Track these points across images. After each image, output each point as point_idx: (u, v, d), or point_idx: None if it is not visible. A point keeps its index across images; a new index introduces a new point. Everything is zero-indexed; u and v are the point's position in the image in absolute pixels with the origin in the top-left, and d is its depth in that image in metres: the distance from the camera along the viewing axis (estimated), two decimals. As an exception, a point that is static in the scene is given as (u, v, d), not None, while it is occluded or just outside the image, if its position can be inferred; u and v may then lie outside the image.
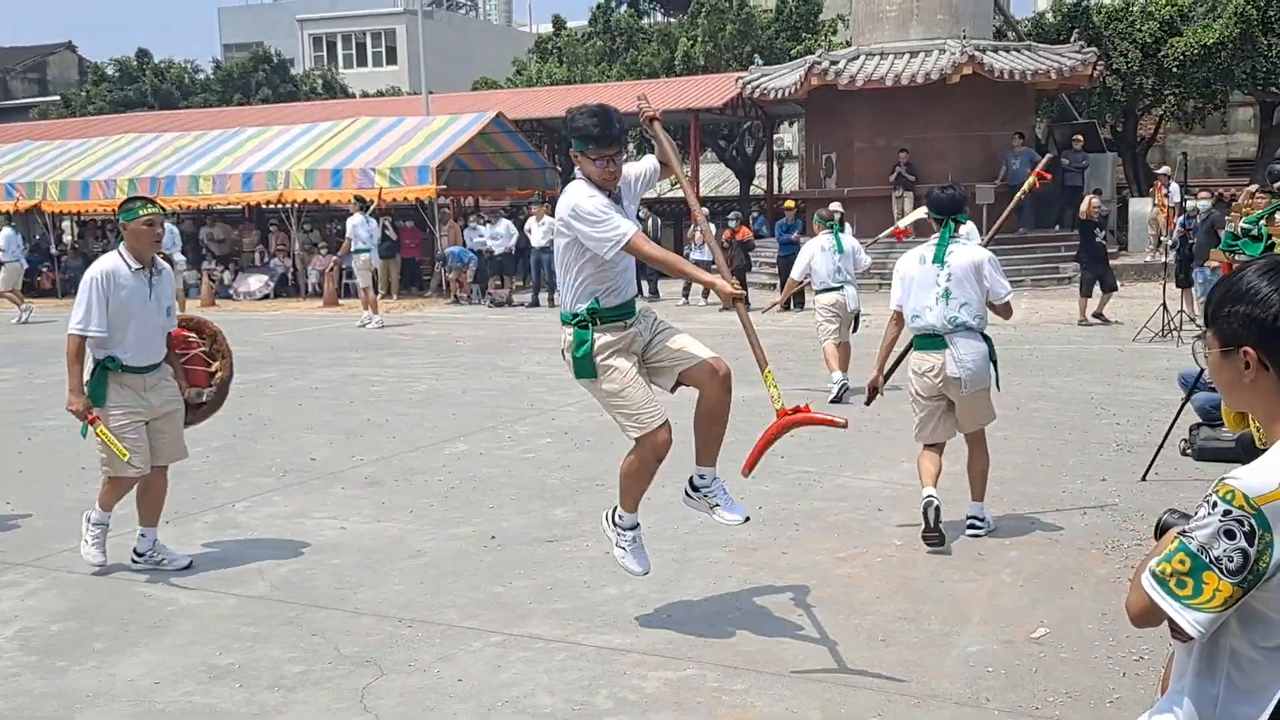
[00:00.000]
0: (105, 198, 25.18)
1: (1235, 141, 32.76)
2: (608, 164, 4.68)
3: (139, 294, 5.82)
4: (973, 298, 6.15)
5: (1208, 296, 2.24)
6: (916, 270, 6.27)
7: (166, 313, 6.00)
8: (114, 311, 5.74)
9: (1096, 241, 15.69)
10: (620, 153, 4.73)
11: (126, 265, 5.84)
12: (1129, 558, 5.80)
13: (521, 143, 26.51)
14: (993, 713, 4.22)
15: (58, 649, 5.04)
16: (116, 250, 5.91)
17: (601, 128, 4.65)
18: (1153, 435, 8.06)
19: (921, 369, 6.23)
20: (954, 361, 6.11)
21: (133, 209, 5.88)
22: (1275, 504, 1.98)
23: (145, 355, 5.88)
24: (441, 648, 4.94)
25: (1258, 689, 2.07)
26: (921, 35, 23.09)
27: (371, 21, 54.52)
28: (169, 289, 6.06)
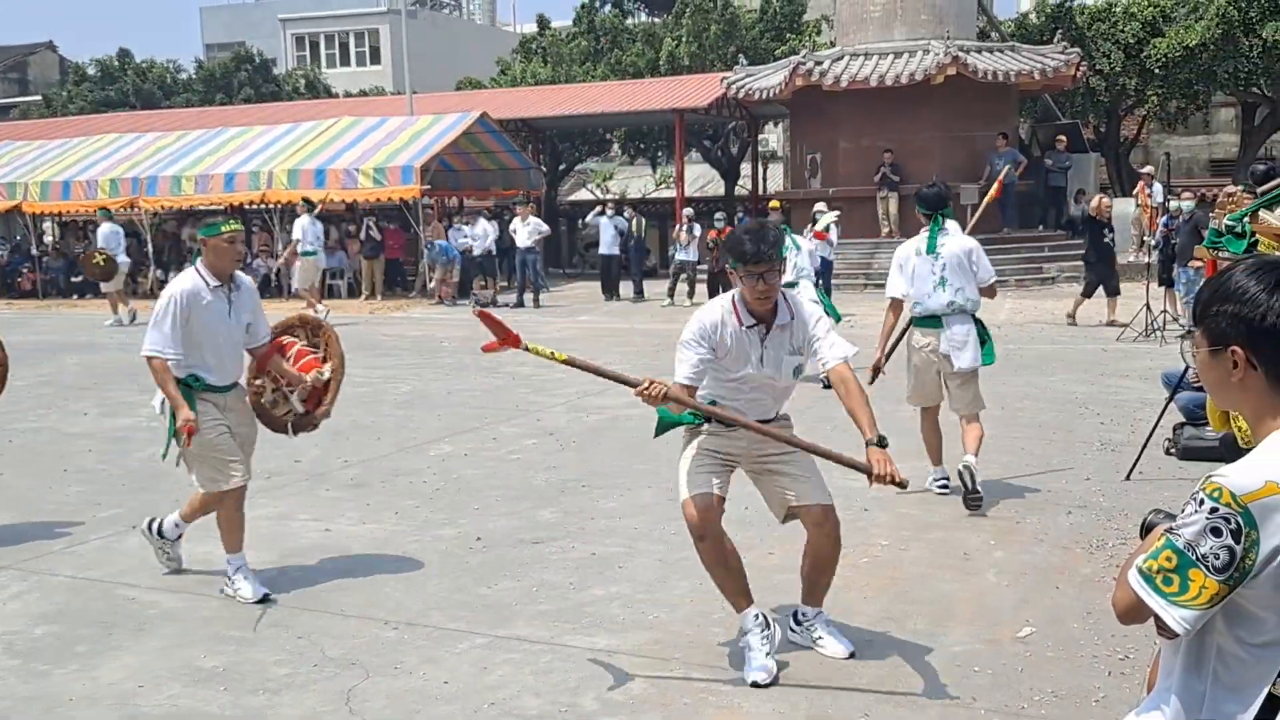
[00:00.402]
0: (86, 198, 25.06)
1: (1217, 142, 32.94)
2: (757, 281, 4.40)
3: (219, 312, 5.57)
4: (966, 283, 6.97)
5: (1196, 296, 2.25)
6: (915, 261, 7.03)
7: (246, 329, 5.72)
8: (194, 331, 5.48)
9: (1104, 241, 15.68)
10: (770, 271, 4.41)
11: (205, 283, 5.57)
12: (1114, 557, 5.82)
13: (506, 143, 26.46)
14: (979, 712, 4.22)
15: (41, 652, 5.01)
16: (194, 267, 5.64)
17: (751, 244, 4.39)
18: (1137, 434, 8.10)
19: (920, 344, 7.15)
20: (946, 341, 7.00)
21: (214, 224, 5.63)
22: (1261, 502, 2.00)
23: (224, 375, 5.65)
24: (427, 650, 4.92)
25: (1244, 686, 2.08)
26: (905, 36, 23.15)
27: (355, 21, 54.36)
28: (249, 304, 5.74)
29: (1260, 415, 2.14)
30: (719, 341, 4.51)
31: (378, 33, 53.52)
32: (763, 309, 4.49)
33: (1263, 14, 25.24)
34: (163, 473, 8.34)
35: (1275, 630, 2.05)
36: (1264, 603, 2.04)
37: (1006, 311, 17.66)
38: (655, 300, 21.53)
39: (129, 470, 8.47)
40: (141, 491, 7.83)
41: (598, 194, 37.13)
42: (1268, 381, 2.11)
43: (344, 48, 54.69)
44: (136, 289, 26.06)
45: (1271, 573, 2.01)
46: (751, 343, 4.54)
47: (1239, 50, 25.78)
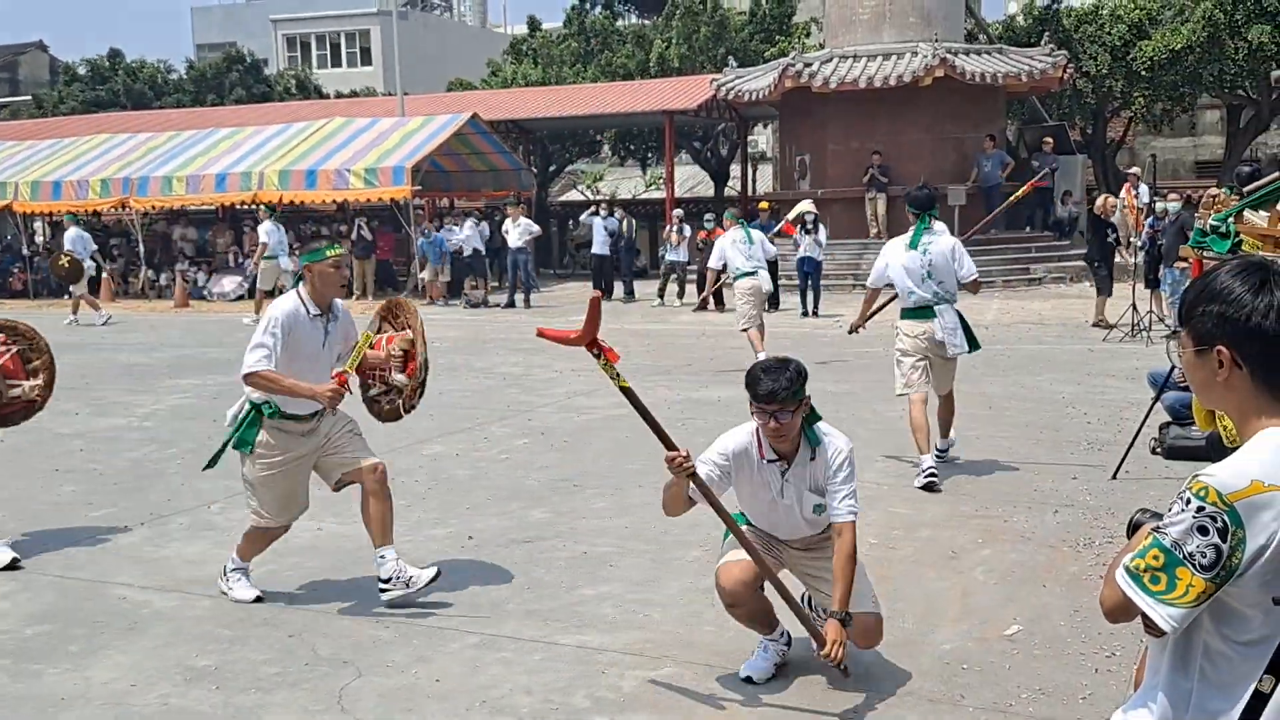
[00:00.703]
0: (77, 198, 25.01)
1: (1203, 144, 33.06)
2: (768, 420, 4.27)
3: (313, 340, 5.40)
4: (948, 278, 7.60)
5: (1181, 296, 2.27)
6: (903, 257, 7.61)
7: (337, 359, 5.56)
8: (288, 356, 5.29)
9: (1108, 241, 15.75)
10: (781, 410, 4.26)
11: (305, 310, 5.38)
12: (1100, 555, 5.85)
13: (497, 144, 26.46)
14: (967, 710, 4.25)
15: (32, 652, 5.01)
16: (296, 291, 5.46)
17: (765, 382, 4.25)
18: (1123, 434, 8.14)
19: (914, 333, 7.61)
20: (940, 328, 7.57)
21: (318, 250, 5.42)
22: (1248, 500, 2.02)
23: (306, 404, 5.39)
24: (419, 648, 4.94)
25: (1231, 684, 2.10)
26: (894, 38, 23.21)
27: (346, 22, 54.26)
28: (343, 334, 5.58)
29: (1245, 414, 2.16)
30: (738, 468, 4.44)
31: (369, 34, 53.45)
32: (779, 447, 4.39)
33: (1248, 17, 25.36)
34: (154, 473, 8.36)
35: (1261, 628, 2.07)
36: (1250, 601, 2.06)
37: (994, 312, 17.72)
38: (646, 300, 21.55)
39: (120, 470, 8.47)
40: (133, 491, 7.83)
41: (588, 195, 37.14)
42: (1253, 381, 2.12)
43: (335, 48, 54.59)
44: (128, 289, 26.03)
45: (1258, 571, 2.03)
46: (772, 476, 4.45)
47: (1224, 53, 25.89)
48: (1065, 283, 21.69)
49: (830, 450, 4.42)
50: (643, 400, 4.33)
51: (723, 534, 4.63)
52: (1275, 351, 2.10)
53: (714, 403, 10.22)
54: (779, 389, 4.24)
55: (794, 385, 4.26)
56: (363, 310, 21.29)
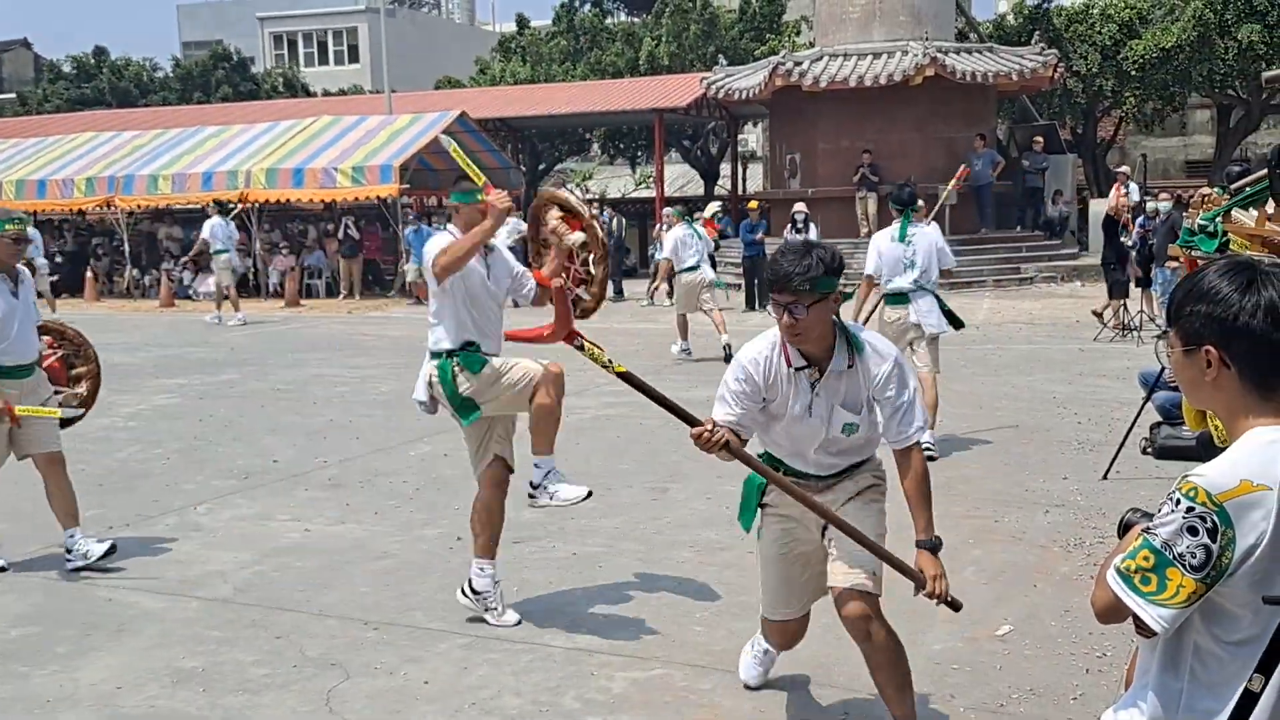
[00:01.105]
0: (63, 197, 24.91)
1: (1193, 143, 33.18)
2: (782, 313, 3.65)
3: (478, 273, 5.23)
4: (930, 267, 8.28)
5: (1170, 296, 2.27)
6: (888, 247, 8.28)
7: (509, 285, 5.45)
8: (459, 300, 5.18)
9: (1120, 241, 15.70)
10: (796, 303, 3.62)
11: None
12: (1091, 555, 5.86)
13: (485, 142, 26.42)
14: (959, 709, 4.25)
15: (18, 654, 4.98)
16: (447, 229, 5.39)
17: (783, 265, 3.65)
18: (1114, 434, 8.15)
19: (891, 318, 8.29)
20: (915, 313, 8.23)
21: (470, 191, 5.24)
22: (1237, 500, 2.02)
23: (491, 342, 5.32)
24: (408, 650, 4.92)
25: (1221, 684, 2.10)
26: (884, 37, 23.21)
27: (333, 20, 54.15)
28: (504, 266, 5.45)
29: (1234, 414, 2.16)
30: (769, 383, 3.80)
31: (356, 31, 53.34)
32: (803, 349, 3.76)
33: (1238, 17, 25.45)
34: (140, 473, 8.32)
35: (1251, 627, 2.07)
36: (1240, 601, 2.06)
37: (985, 311, 17.75)
38: (635, 299, 21.54)
39: (108, 470, 8.43)
40: (121, 492, 7.80)
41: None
42: (1241, 381, 2.12)
43: (322, 46, 54.48)
44: (113, 289, 25.94)
45: (1247, 571, 2.03)
46: (800, 388, 3.79)
47: (1214, 52, 25.98)
48: (1056, 282, 21.74)
49: (872, 361, 3.79)
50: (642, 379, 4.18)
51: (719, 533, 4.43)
52: (1263, 351, 2.10)
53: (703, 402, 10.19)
54: (794, 273, 3.62)
55: (812, 272, 3.61)
56: (350, 310, 21.31)
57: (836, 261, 3.70)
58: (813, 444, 3.88)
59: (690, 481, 7.44)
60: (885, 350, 3.83)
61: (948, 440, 8.69)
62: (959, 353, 13.20)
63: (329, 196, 23.90)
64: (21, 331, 6.00)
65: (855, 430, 3.83)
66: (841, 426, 3.82)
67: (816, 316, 3.67)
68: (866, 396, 3.81)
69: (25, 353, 6.03)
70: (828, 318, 3.72)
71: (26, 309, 6.06)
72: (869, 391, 3.80)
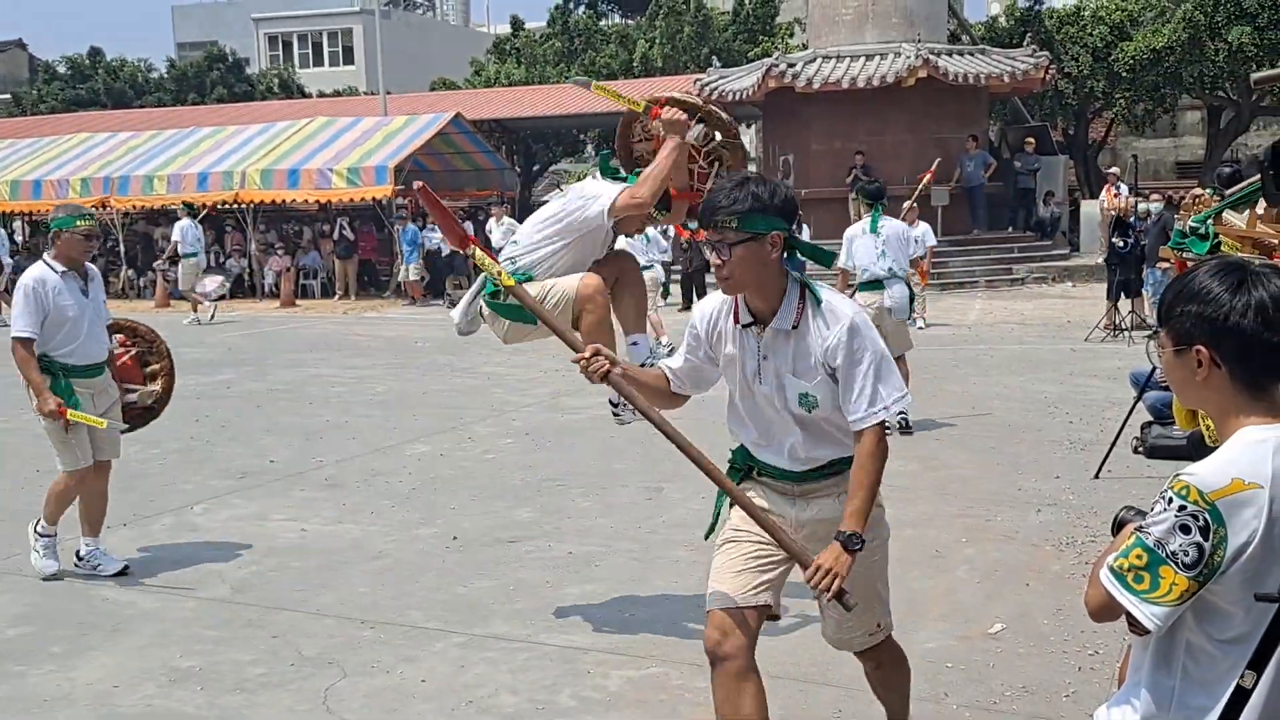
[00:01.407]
0: (57, 198, 24.76)
1: (1184, 144, 33.23)
2: (711, 251, 3.25)
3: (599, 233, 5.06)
4: (900, 256, 9.08)
5: (1160, 296, 2.29)
6: (860, 239, 9.08)
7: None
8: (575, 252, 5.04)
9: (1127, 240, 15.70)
10: (722, 241, 3.16)
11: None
12: (1083, 554, 5.89)
13: (480, 143, 26.42)
14: (951, 707, 4.28)
15: (15, 653, 4.99)
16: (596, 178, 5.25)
17: (714, 198, 3.21)
18: (1105, 433, 8.19)
19: (867, 303, 8.57)
20: (888, 298, 8.90)
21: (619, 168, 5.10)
22: (1228, 499, 2.03)
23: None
24: (404, 649, 4.94)
25: (1213, 681, 2.12)
26: (877, 38, 23.26)
27: (328, 21, 54.12)
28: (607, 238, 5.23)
29: (1225, 413, 2.18)
30: (713, 339, 3.41)
31: (351, 32, 53.31)
32: (731, 294, 3.31)
33: (1228, 19, 25.52)
34: (137, 473, 8.32)
35: (1243, 625, 2.09)
36: (1232, 598, 2.08)
37: (977, 312, 17.79)
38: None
39: (102, 471, 8.42)
40: (118, 492, 7.74)
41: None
42: (1231, 380, 2.14)
43: (317, 47, 54.44)
44: (108, 289, 25.84)
45: (1239, 568, 2.05)
46: (748, 348, 3.33)
47: (1205, 54, 26.04)
48: (1048, 283, 21.79)
49: (823, 322, 3.22)
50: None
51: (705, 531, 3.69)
52: (1253, 350, 2.12)
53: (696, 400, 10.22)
54: (718, 206, 3.16)
55: (738, 206, 3.13)
56: (345, 310, 21.30)
57: (778, 200, 3.17)
58: (776, 422, 3.34)
59: (686, 482, 7.46)
60: (841, 311, 3.22)
61: (940, 440, 8.74)
62: (951, 353, 13.24)
63: (324, 197, 23.88)
64: (92, 331, 5.89)
65: (814, 404, 3.26)
66: (797, 398, 3.27)
67: (745, 260, 3.16)
68: (822, 364, 3.24)
69: (96, 353, 5.93)
70: (762, 264, 3.18)
71: (97, 308, 5.95)
72: (822, 358, 3.23)
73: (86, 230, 5.86)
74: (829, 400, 3.25)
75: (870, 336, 3.23)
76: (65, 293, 5.78)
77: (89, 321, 5.87)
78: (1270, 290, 2.12)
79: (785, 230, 3.19)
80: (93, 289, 5.94)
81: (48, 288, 5.76)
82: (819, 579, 3.10)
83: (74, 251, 5.85)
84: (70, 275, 5.84)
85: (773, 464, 3.40)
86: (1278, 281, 2.14)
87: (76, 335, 5.81)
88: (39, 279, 5.77)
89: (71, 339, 5.80)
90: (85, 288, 5.89)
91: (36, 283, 5.74)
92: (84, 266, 5.93)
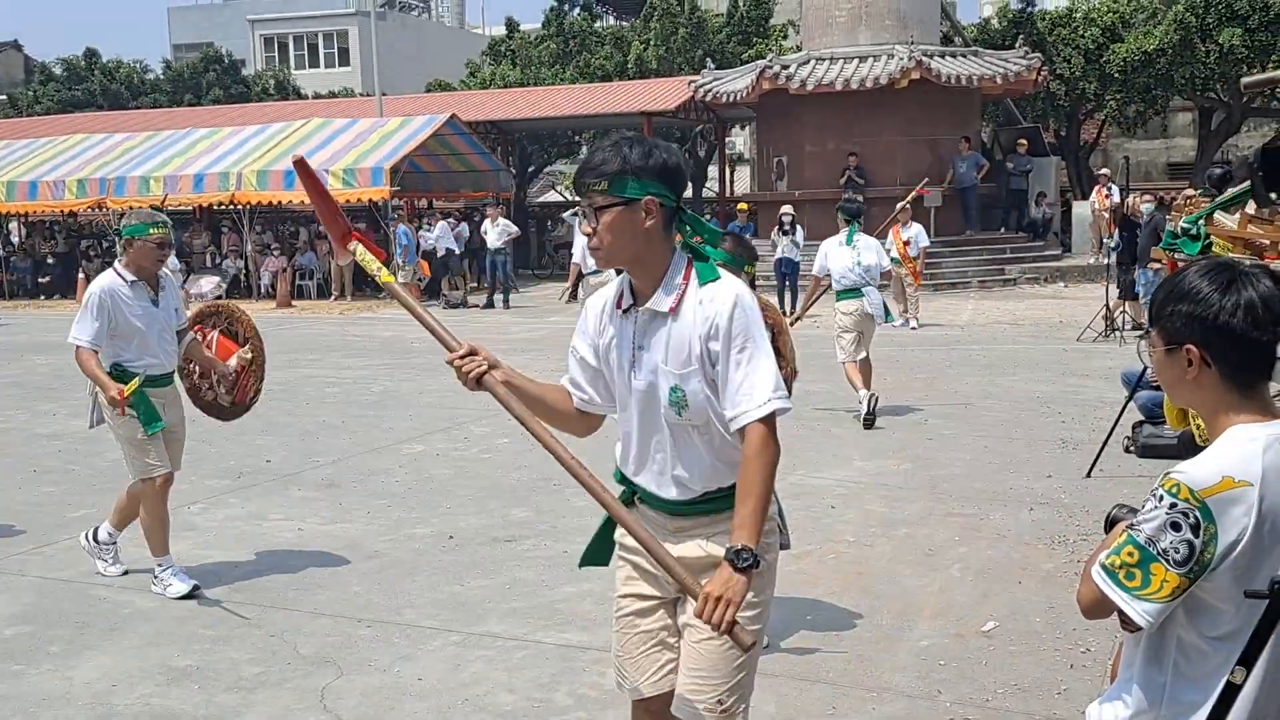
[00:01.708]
0: (53, 198, 24.83)
1: (1175, 146, 33.31)
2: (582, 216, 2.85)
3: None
4: (873, 266, 9.86)
5: (1151, 296, 2.32)
6: (836, 251, 9.78)
7: None
8: None
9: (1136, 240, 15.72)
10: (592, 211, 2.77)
11: None
12: (1075, 552, 5.93)
13: (475, 144, 26.43)
14: (945, 704, 4.31)
15: (13, 653, 5.00)
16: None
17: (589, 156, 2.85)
18: (1097, 433, 8.22)
19: (848, 310, 9.63)
20: (868, 304, 9.63)
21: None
22: (1218, 496, 2.06)
23: None
24: (401, 647, 4.96)
25: (1204, 677, 2.15)
26: (870, 40, 23.31)
27: (323, 22, 54.05)
28: None
29: (1215, 412, 2.20)
30: (600, 326, 2.95)
31: (347, 34, 53.25)
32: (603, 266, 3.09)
33: (1219, 20, 25.61)
34: (132, 474, 8.33)
35: (1233, 621, 2.11)
36: (1223, 595, 2.10)
37: (969, 312, 17.83)
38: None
39: (99, 470, 8.43)
40: (112, 492, 7.75)
41: (567, 196, 37.15)
42: (1221, 379, 2.17)
43: (313, 49, 54.36)
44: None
45: (1230, 565, 2.07)
46: (624, 336, 2.88)
47: (1196, 56, 26.11)
48: (1040, 283, 21.85)
49: (706, 300, 2.75)
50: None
51: None
52: (1243, 349, 2.15)
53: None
54: (589, 166, 2.78)
55: (608, 167, 2.73)
56: (341, 311, 21.28)
57: (654, 162, 2.74)
58: (649, 431, 2.86)
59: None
60: (726, 289, 2.75)
61: (933, 439, 8.77)
62: (944, 353, 13.28)
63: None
64: (163, 341, 5.72)
65: (683, 404, 2.78)
66: (668, 394, 2.79)
67: (615, 228, 2.75)
68: (699, 354, 2.75)
69: (167, 362, 5.79)
70: (636, 234, 2.75)
71: (168, 317, 5.76)
72: (700, 347, 2.75)
73: (160, 239, 5.63)
74: (703, 402, 2.77)
75: (755, 320, 2.76)
76: (135, 303, 5.61)
77: (159, 331, 5.70)
78: (1259, 290, 2.14)
79: (664, 197, 2.75)
80: (163, 298, 5.74)
81: (116, 299, 5.57)
82: (709, 612, 2.59)
83: (145, 261, 5.63)
84: (140, 285, 5.63)
85: (645, 488, 2.92)
86: (1267, 281, 2.17)
87: (147, 346, 5.65)
88: (107, 290, 5.57)
89: (143, 351, 5.64)
90: (156, 298, 5.69)
91: (105, 294, 5.55)
92: (156, 276, 5.72)
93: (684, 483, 2.84)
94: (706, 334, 2.74)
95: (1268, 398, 2.21)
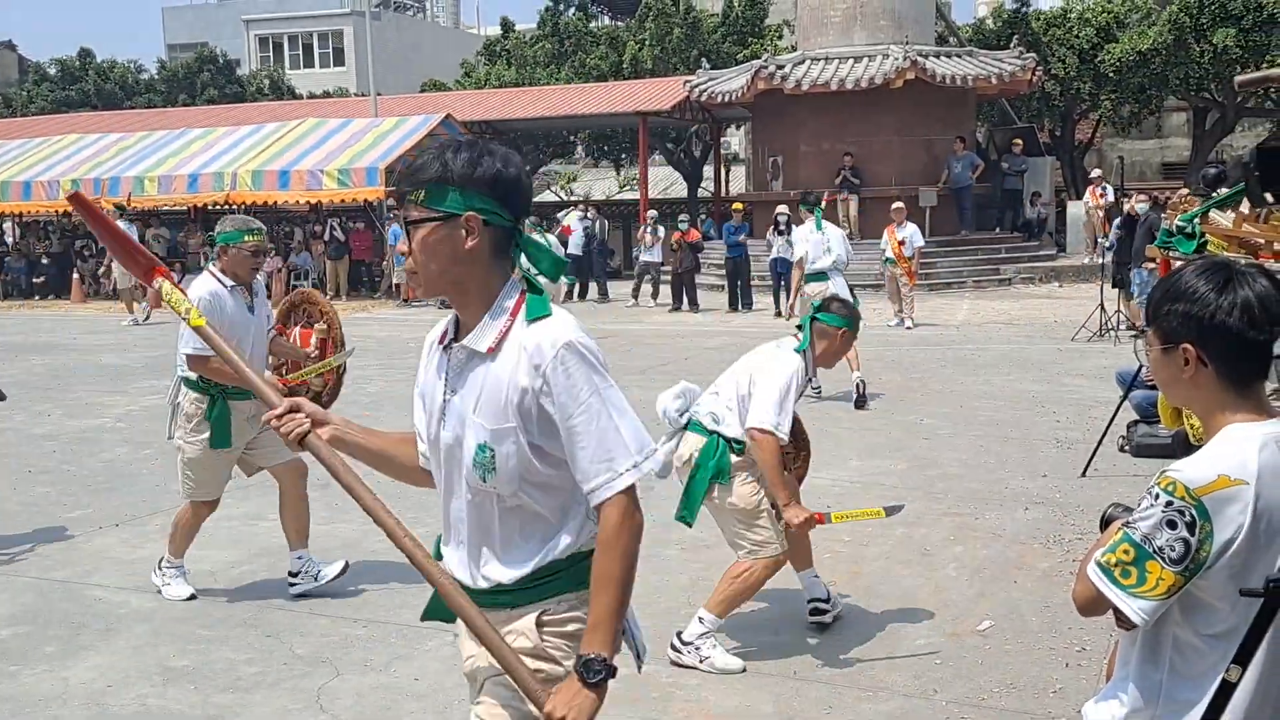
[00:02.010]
0: (48, 198, 24.78)
1: (1169, 145, 33.36)
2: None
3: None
4: (841, 253, 11.04)
5: (1148, 296, 2.33)
6: (809, 236, 11.07)
7: None
8: None
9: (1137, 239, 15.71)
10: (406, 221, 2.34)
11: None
12: (1070, 551, 5.94)
13: (470, 145, 26.40)
14: (940, 703, 4.31)
15: (9, 653, 5.00)
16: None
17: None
18: (1091, 432, 8.24)
19: (816, 291, 10.30)
20: (834, 287, 10.29)
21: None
22: (1214, 495, 2.06)
23: None
24: (397, 647, 4.96)
25: (1200, 674, 2.15)
26: (865, 40, 23.33)
27: (318, 22, 54.00)
28: None
29: (1211, 410, 2.21)
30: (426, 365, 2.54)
31: (341, 34, 53.20)
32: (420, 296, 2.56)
33: (1213, 21, 25.65)
34: (129, 474, 8.32)
35: (1229, 619, 2.12)
36: (1218, 593, 2.11)
37: (964, 312, 17.85)
38: (620, 301, 21.58)
39: (95, 471, 8.43)
40: (108, 492, 7.80)
41: (562, 196, 37.16)
42: (1218, 378, 2.18)
43: (308, 49, 54.30)
44: (99, 290, 25.84)
45: (1225, 563, 2.08)
46: (438, 375, 2.45)
47: (1190, 56, 26.17)
48: (1035, 283, 21.88)
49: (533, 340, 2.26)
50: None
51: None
52: (1239, 348, 2.15)
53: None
54: (407, 172, 2.33)
55: (425, 174, 2.28)
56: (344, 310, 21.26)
57: (481, 173, 2.27)
58: (454, 496, 2.43)
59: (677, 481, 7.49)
60: (556, 331, 2.26)
61: (928, 439, 8.78)
62: (939, 353, 13.30)
63: (315, 198, 23.87)
64: (256, 350, 5.57)
65: (490, 467, 2.31)
66: (474, 453, 2.34)
67: (429, 249, 2.29)
68: (515, 406, 2.28)
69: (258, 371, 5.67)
70: (454, 256, 2.28)
71: (261, 325, 5.61)
72: (517, 398, 2.27)
73: (254, 246, 5.48)
74: (514, 471, 2.30)
75: (594, 366, 2.26)
76: (235, 309, 5.46)
77: (254, 339, 5.56)
78: (1255, 289, 2.15)
79: (492, 214, 2.27)
80: (258, 305, 5.58)
81: (219, 302, 5.39)
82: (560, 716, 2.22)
83: (240, 269, 5.47)
84: (237, 290, 5.47)
85: (453, 566, 2.46)
86: (1263, 281, 2.17)
87: (242, 355, 5.58)
88: (214, 293, 5.39)
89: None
90: (251, 304, 5.53)
91: (212, 297, 5.37)
92: (251, 284, 5.56)
93: (483, 570, 2.39)
94: (531, 386, 2.25)
95: (1263, 397, 2.21)
